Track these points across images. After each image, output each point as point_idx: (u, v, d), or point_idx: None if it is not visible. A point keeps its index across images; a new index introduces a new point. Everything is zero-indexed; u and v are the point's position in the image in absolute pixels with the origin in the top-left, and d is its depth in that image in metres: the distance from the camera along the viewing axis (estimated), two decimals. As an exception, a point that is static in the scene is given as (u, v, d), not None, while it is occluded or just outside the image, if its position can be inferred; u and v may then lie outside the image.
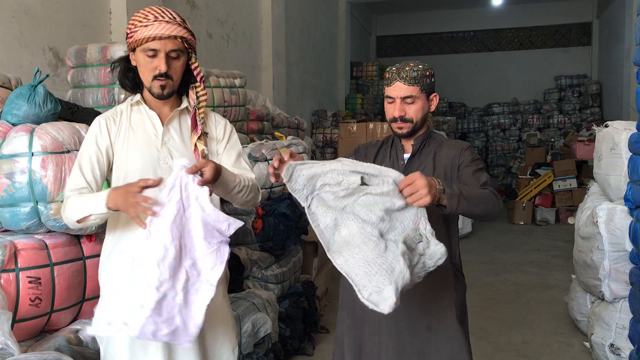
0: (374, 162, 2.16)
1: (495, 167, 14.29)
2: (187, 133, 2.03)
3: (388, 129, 7.33)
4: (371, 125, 7.50)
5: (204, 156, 2.00)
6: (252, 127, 4.63)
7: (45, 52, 3.80)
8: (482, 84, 15.20)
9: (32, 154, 2.13)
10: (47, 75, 2.42)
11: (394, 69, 2.10)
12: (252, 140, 4.31)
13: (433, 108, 2.15)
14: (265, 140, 4.30)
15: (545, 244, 8.15)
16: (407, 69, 2.06)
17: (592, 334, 3.86)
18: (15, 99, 2.32)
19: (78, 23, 4.09)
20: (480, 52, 15.44)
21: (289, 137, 4.57)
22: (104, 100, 3.12)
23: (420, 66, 2.07)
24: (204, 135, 2.02)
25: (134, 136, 1.98)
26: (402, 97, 2.07)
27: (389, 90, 2.12)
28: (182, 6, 5.49)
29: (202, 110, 2.04)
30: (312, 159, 6.72)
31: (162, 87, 1.92)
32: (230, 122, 3.94)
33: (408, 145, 2.18)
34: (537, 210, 10.06)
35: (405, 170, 2.13)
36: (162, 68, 1.89)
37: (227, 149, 2.12)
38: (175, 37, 1.88)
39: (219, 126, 2.13)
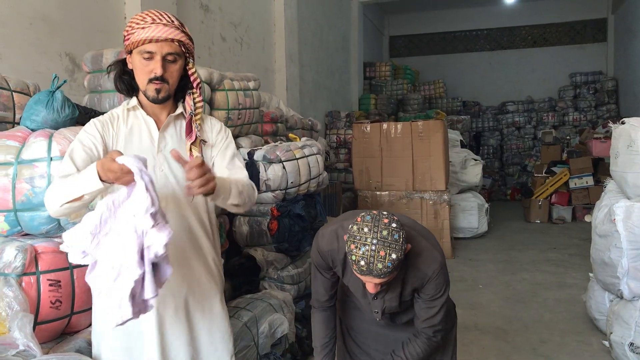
0: (343, 273, 2.12)
1: (511, 165, 14.20)
2: (183, 139, 1.99)
3: (402, 129, 7.32)
4: (385, 125, 7.47)
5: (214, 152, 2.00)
6: (267, 129, 4.65)
7: (62, 57, 3.85)
8: (496, 83, 15.12)
9: (51, 159, 2.16)
10: (65, 81, 2.46)
11: (362, 263, 1.77)
12: (267, 142, 4.34)
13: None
14: (279, 142, 4.32)
15: (562, 242, 8.09)
16: (379, 266, 1.76)
17: (611, 332, 3.82)
18: (33, 104, 2.35)
19: (94, 29, 4.14)
20: (494, 50, 15.37)
21: (303, 139, 4.59)
22: (120, 104, 3.15)
23: (393, 256, 1.76)
24: (200, 142, 1.98)
25: (130, 142, 1.94)
26: (377, 283, 1.87)
27: (359, 277, 1.87)
28: (196, 10, 5.53)
29: (198, 117, 2.00)
30: (326, 160, 6.73)
31: (157, 91, 1.89)
32: (245, 124, 3.98)
33: None
34: (553, 208, 9.99)
35: (376, 302, 2.10)
36: (158, 71, 1.85)
37: (221, 151, 2.07)
38: (172, 40, 1.85)
39: (214, 130, 2.08)
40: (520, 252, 7.53)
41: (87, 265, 1.66)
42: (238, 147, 3.95)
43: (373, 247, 1.75)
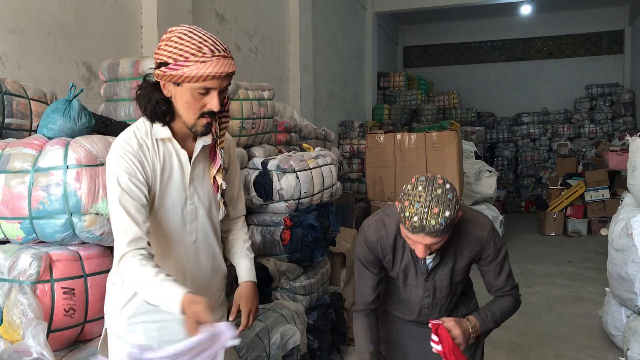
0: (393, 260, 2.10)
1: (525, 177, 14.10)
2: (206, 166, 1.93)
3: (416, 140, 7.30)
4: (399, 136, 7.45)
5: (222, 191, 1.94)
6: (280, 138, 4.66)
7: (78, 66, 3.89)
8: (511, 94, 15.05)
9: (67, 167, 2.17)
10: (82, 90, 2.47)
11: (415, 219, 1.75)
12: (280, 152, 4.34)
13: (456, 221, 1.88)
14: (293, 151, 4.32)
15: (577, 256, 8.00)
16: (432, 223, 1.74)
17: (628, 349, 3.76)
18: (50, 113, 2.37)
19: (110, 38, 4.18)
20: (509, 61, 15.32)
21: (317, 149, 4.59)
22: (136, 113, 3.17)
23: (447, 213, 1.75)
24: (219, 171, 1.92)
25: (164, 176, 1.83)
26: (427, 244, 1.84)
27: (411, 236, 1.83)
28: (212, 19, 5.57)
29: (222, 139, 1.93)
30: (339, 169, 6.72)
31: (208, 125, 1.77)
32: (258, 134, 4.00)
33: None
34: (568, 221, 9.89)
35: (428, 283, 2.11)
36: (216, 107, 1.71)
37: (232, 175, 2.08)
38: (230, 73, 1.72)
39: (232, 148, 2.07)
40: (534, 265, 7.45)
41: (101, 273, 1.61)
42: (252, 156, 3.96)
43: (427, 204, 1.74)
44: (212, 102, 1.71)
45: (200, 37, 1.66)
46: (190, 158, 1.87)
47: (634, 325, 3.78)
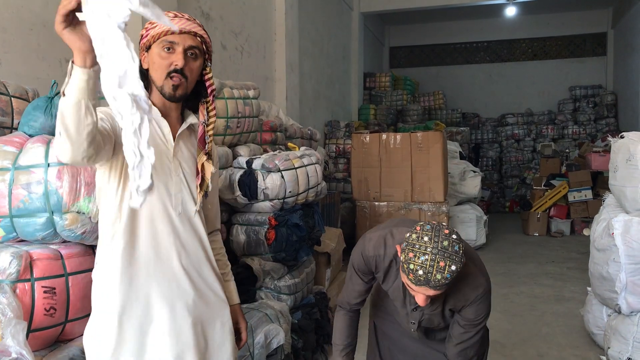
0: (384, 279, 2.08)
1: (510, 177, 14.21)
2: (193, 148, 1.95)
3: (402, 140, 7.33)
4: (384, 136, 7.48)
5: (211, 178, 1.92)
6: (266, 137, 4.65)
7: (61, 64, 3.85)
8: (496, 95, 15.17)
9: (48, 165, 2.14)
10: (64, 87, 2.45)
11: (420, 272, 1.70)
12: (265, 151, 4.33)
13: None
14: (278, 151, 4.31)
15: (560, 256, 8.08)
16: (438, 277, 1.69)
17: (609, 347, 3.81)
18: (32, 110, 2.35)
19: (94, 35, 4.14)
20: (494, 62, 15.43)
21: (302, 148, 4.58)
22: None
23: (453, 267, 1.69)
24: (209, 158, 1.92)
25: None
26: (430, 295, 1.80)
27: (414, 287, 1.78)
28: (197, 18, 5.52)
29: (211, 127, 1.93)
30: (324, 169, 6.72)
31: (175, 87, 1.80)
32: (244, 133, 3.98)
33: None
34: (552, 221, 9.98)
35: (414, 314, 2.07)
36: (180, 63, 1.77)
37: (214, 179, 2.04)
38: (195, 34, 1.81)
39: (215, 149, 2.06)
40: (518, 265, 7.51)
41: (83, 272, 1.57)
42: (237, 155, 3.94)
43: (433, 257, 1.69)
44: (178, 59, 1.78)
45: (168, 12, 1.78)
46: (175, 135, 1.90)
47: (614, 324, 3.82)
